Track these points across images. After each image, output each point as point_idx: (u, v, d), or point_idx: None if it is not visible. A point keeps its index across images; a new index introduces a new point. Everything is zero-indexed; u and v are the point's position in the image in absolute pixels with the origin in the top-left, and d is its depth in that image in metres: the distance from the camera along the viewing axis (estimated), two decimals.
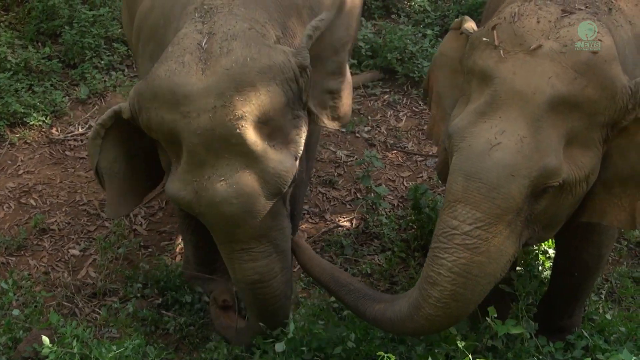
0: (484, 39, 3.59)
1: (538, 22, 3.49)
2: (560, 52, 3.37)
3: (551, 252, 5.09)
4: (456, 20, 4.01)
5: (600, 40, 3.39)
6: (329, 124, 4.33)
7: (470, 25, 3.85)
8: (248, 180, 3.78)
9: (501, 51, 3.49)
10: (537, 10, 3.53)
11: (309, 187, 6.15)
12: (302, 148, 4.03)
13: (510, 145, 3.34)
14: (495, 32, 3.55)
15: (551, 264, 5.01)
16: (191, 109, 3.70)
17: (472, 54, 3.66)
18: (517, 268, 4.83)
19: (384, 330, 4.11)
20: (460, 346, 3.87)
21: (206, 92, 3.71)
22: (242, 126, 3.71)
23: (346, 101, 4.42)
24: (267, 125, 3.82)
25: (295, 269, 5.10)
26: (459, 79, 3.87)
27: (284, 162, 3.86)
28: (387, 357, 3.63)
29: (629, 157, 3.54)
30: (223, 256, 4.08)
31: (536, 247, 5.14)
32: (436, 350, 4.06)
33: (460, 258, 3.45)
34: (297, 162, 3.99)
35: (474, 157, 3.41)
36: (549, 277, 4.90)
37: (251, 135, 3.75)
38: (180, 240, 5.61)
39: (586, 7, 3.59)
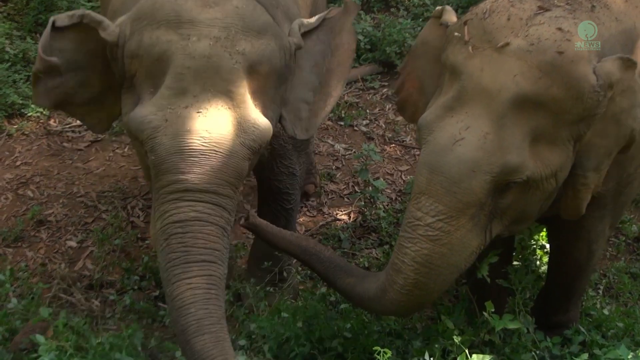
0: (456, 33, 3.60)
1: (508, 19, 3.49)
2: (526, 51, 3.36)
3: (549, 246, 5.08)
4: (437, 8, 4.01)
5: (569, 40, 3.38)
6: (296, 134, 4.17)
7: (449, 16, 3.85)
8: (227, 119, 3.59)
9: (470, 47, 3.50)
10: (509, 8, 3.53)
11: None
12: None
13: (473, 141, 3.36)
14: (466, 27, 3.56)
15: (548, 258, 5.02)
16: (192, 33, 3.60)
17: (446, 47, 3.68)
18: (514, 262, 4.84)
19: (351, 302, 4.18)
20: (457, 341, 3.88)
21: (212, 22, 3.64)
22: (238, 63, 3.62)
23: (320, 116, 4.28)
24: (257, 80, 3.73)
25: (293, 262, 5.11)
26: (437, 71, 3.87)
27: (264, 119, 3.71)
28: (384, 352, 3.64)
29: (609, 133, 3.52)
30: (156, 206, 3.60)
31: (533, 242, 5.14)
32: (434, 345, 4.07)
33: (422, 249, 3.49)
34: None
35: (438, 150, 3.44)
36: (546, 271, 4.91)
37: (243, 77, 3.65)
38: None
39: (567, 3, 3.58)
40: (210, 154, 3.52)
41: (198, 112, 3.54)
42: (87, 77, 3.99)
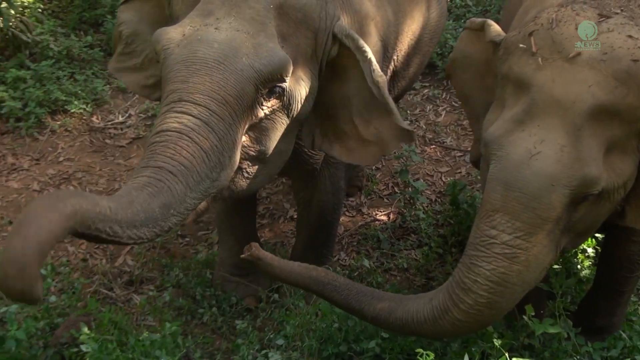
0: (521, 45, 3.54)
1: (577, 28, 3.44)
2: (600, 60, 3.29)
3: (590, 251, 5.04)
4: (472, 20, 3.96)
5: None
6: (315, 148, 4.08)
7: (496, 29, 3.80)
8: (242, 39, 3.47)
9: (539, 58, 3.43)
10: (575, 16, 3.47)
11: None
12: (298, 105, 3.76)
13: (550, 154, 3.28)
14: (532, 38, 3.50)
15: (590, 263, 4.97)
16: None
17: (507, 59, 3.59)
18: (555, 266, 4.79)
19: (388, 329, 4.01)
20: (496, 344, 3.85)
21: None
22: None
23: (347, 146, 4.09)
24: (287, 24, 3.65)
25: (334, 260, 5.10)
26: (488, 81, 3.83)
27: (282, 52, 3.56)
28: (427, 354, 3.62)
29: None
30: (157, 120, 3.42)
31: None
32: (472, 348, 4.04)
33: (499, 267, 3.39)
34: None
35: (512, 166, 3.35)
36: (587, 276, 4.86)
37: (270, 11, 3.60)
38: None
39: (621, 10, 3.53)
40: (212, 64, 3.40)
41: (215, 29, 3.49)
42: (147, 46, 4.12)
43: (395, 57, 4.66)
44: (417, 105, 7.27)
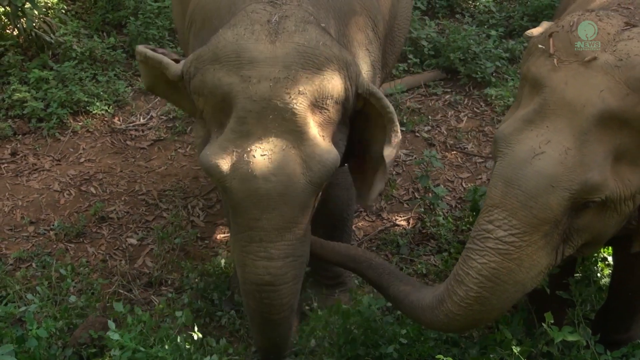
0: (540, 45, 3.53)
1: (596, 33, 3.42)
2: (615, 66, 3.26)
3: (611, 259, 5.01)
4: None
5: None
6: None
7: (534, 30, 3.79)
8: (292, 160, 3.58)
9: (555, 60, 3.41)
10: (597, 21, 3.44)
11: None
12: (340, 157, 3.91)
13: (554, 155, 3.27)
14: (551, 40, 3.48)
15: (610, 271, 4.94)
16: (253, 74, 3.58)
17: (527, 59, 3.60)
18: (575, 274, 4.77)
19: (401, 311, 4.11)
20: (515, 351, 3.83)
21: (272, 61, 3.60)
22: (300, 103, 3.59)
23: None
24: (322, 113, 3.71)
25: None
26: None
27: (331, 152, 3.69)
28: None
29: None
30: (236, 250, 3.80)
31: (595, 254, 5.06)
32: (491, 355, 4.03)
33: (490, 262, 3.41)
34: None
35: (515, 163, 3.36)
36: (607, 284, 4.83)
37: (306, 115, 3.62)
38: None
39: None
40: (277, 199, 3.58)
41: (262, 155, 3.56)
42: (173, 97, 4.13)
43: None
44: (439, 110, 7.24)
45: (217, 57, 3.67)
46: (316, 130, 3.67)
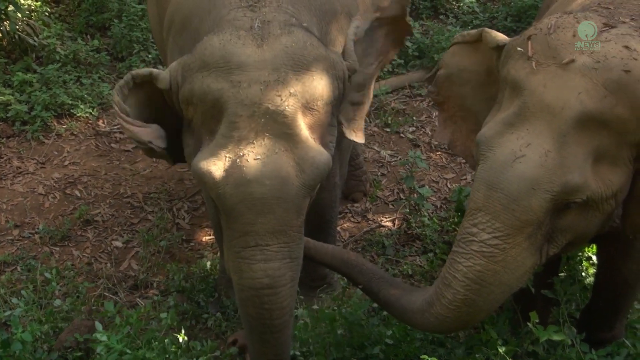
0: (519, 48, 3.55)
1: (574, 35, 3.42)
2: (592, 68, 3.29)
3: (595, 258, 5.03)
4: (463, 34, 4.00)
5: (636, 59, 3.31)
6: (352, 136, 4.19)
7: (496, 35, 3.79)
8: (285, 163, 3.58)
9: (533, 63, 3.44)
10: (575, 24, 3.46)
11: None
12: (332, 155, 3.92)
13: (534, 158, 3.30)
14: (530, 42, 3.51)
15: (595, 270, 4.96)
16: (242, 79, 3.58)
17: (507, 62, 3.61)
18: (560, 273, 4.79)
19: (392, 315, 4.09)
20: (501, 351, 3.84)
21: (261, 64, 3.62)
22: (292, 105, 3.60)
23: (364, 114, 4.30)
24: (312, 115, 3.71)
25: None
26: (492, 90, 3.82)
27: (323, 154, 3.71)
28: None
29: None
30: (231, 257, 3.76)
31: (580, 253, 5.09)
32: (477, 355, 4.04)
33: (475, 265, 3.43)
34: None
35: (497, 167, 3.39)
36: (592, 283, 4.85)
37: (297, 117, 3.63)
38: None
39: (632, 19, 3.53)
40: (272, 202, 3.57)
41: (256, 159, 3.56)
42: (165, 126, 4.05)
43: None
44: (423, 111, 7.26)
45: (205, 64, 3.67)
46: (307, 133, 3.68)
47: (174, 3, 4.37)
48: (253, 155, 3.56)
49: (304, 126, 3.66)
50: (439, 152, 6.75)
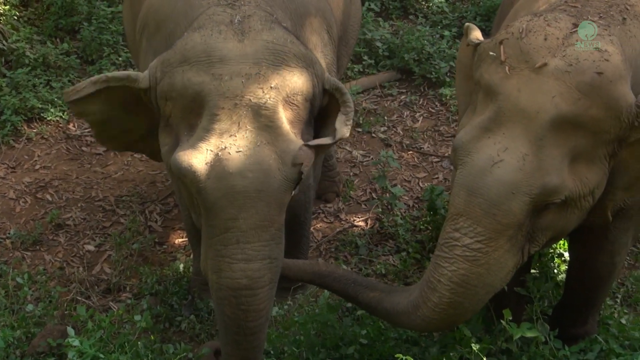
0: (491, 53, 3.58)
1: (545, 39, 3.47)
2: (565, 71, 3.35)
3: (567, 255, 5.06)
4: (466, 25, 4.00)
5: (607, 60, 3.36)
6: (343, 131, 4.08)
7: (475, 35, 3.83)
8: (267, 156, 3.58)
9: (507, 67, 3.48)
10: (545, 27, 3.51)
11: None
12: None
13: (512, 162, 3.35)
14: (502, 47, 3.54)
15: (567, 267, 4.99)
16: (224, 72, 3.59)
17: (479, 65, 3.66)
18: (532, 270, 4.82)
19: (377, 317, 4.16)
20: (474, 348, 3.87)
21: (243, 58, 3.63)
22: (273, 98, 3.61)
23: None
24: (292, 110, 3.72)
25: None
26: (470, 85, 3.86)
27: (305, 151, 3.69)
28: (406, 359, 3.64)
29: None
30: (210, 256, 3.73)
31: (551, 250, 5.12)
32: (451, 353, 4.06)
33: (460, 269, 3.49)
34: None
35: (476, 172, 3.44)
36: (564, 280, 4.89)
37: (279, 111, 3.64)
38: None
39: (600, 17, 3.57)
40: (253, 195, 3.56)
41: (237, 152, 3.55)
42: (128, 126, 4.08)
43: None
44: (395, 111, 7.28)
45: (185, 59, 3.67)
46: (289, 127, 3.69)
47: (147, 5, 4.35)
48: (235, 148, 3.55)
49: (285, 120, 3.67)
50: (411, 152, 6.78)
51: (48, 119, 6.82)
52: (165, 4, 4.18)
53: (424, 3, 8.64)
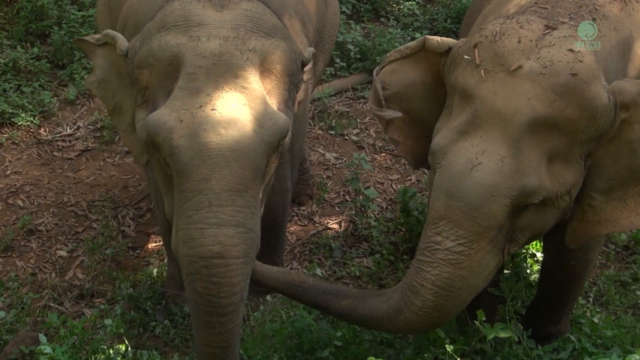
0: (465, 56, 3.59)
1: (519, 41, 3.50)
2: (540, 73, 3.39)
3: (539, 255, 5.10)
4: (399, 49, 3.96)
5: (581, 61, 3.40)
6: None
7: (438, 41, 3.80)
8: (243, 115, 3.55)
9: (482, 71, 3.51)
10: (519, 29, 3.55)
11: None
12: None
13: (491, 165, 3.38)
14: (476, 50, 3.56)
15: (539, 267, 5.02)
16: (202, 34, 3.62)
17: (454, 69, 3.68)
18: (505, 271, 4.85)
19: (353, 324, 4.16)
20: (449, 349, 3.88)
21: (221, 23, 3.67)
22: (250, 60, 3.62)
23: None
24: (270, 80, 3.74)
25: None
26: (441, 95, 3.83)
27: (281, 114, 3.70)
28: None
29: (622, 159, 3.55)
30: (182, 225, 3.57)
31: (524, 250, 5.16)
32: (425, 354, 4.07)
33: (443, 272, 3.51)
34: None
35: (455, 176, 3.46)
36: (537, 280, 4.92)
37: (256, 73, 3.65)
38: None
39: (570, 18, 3.61)
40: (227, 154, 3.50)
41: (213, 110, 3.53)
42: (120, 100, 4.08)
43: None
44: (367, 113, 7.27)
45: (164, 24, 3.72)
46: (265, 93, 3.69)
47: (127, 7, 4.35)
48: (210, 106, 3.54)
49: (261, 85, 3.67)
50: (384, 154, 6.79)
51: (19, 124, 6.76)
52: (144, 3, 4.19)
53: (395, 6, 8.65)
